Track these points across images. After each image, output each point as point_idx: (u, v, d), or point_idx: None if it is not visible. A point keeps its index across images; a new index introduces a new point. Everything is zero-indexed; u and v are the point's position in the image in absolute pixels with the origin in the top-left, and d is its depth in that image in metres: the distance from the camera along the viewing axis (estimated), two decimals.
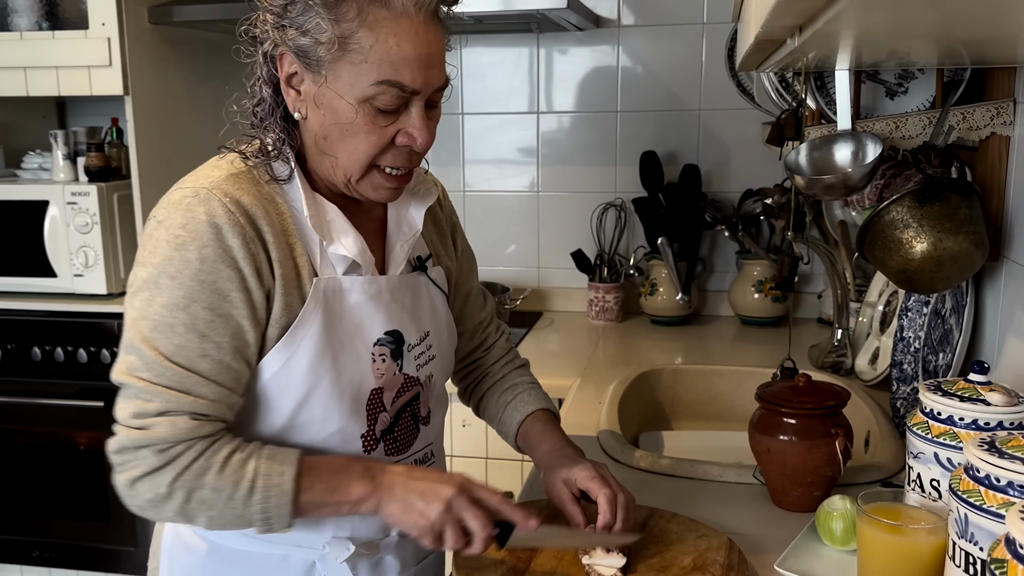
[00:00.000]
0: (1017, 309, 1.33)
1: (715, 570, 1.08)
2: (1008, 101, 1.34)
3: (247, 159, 1.06)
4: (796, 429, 1.25)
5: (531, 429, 1.27)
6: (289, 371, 1.04)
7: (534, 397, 1.30)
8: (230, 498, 0.98)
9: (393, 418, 1.14)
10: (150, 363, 0.97)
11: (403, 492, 1.02)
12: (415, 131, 1.02)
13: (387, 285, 1.12)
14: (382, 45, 0.97)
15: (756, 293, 2.41)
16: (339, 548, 1.11)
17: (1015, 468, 0.85)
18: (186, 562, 1.16)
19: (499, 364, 1.36)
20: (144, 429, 0.97)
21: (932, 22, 0.71)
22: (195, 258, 0.98)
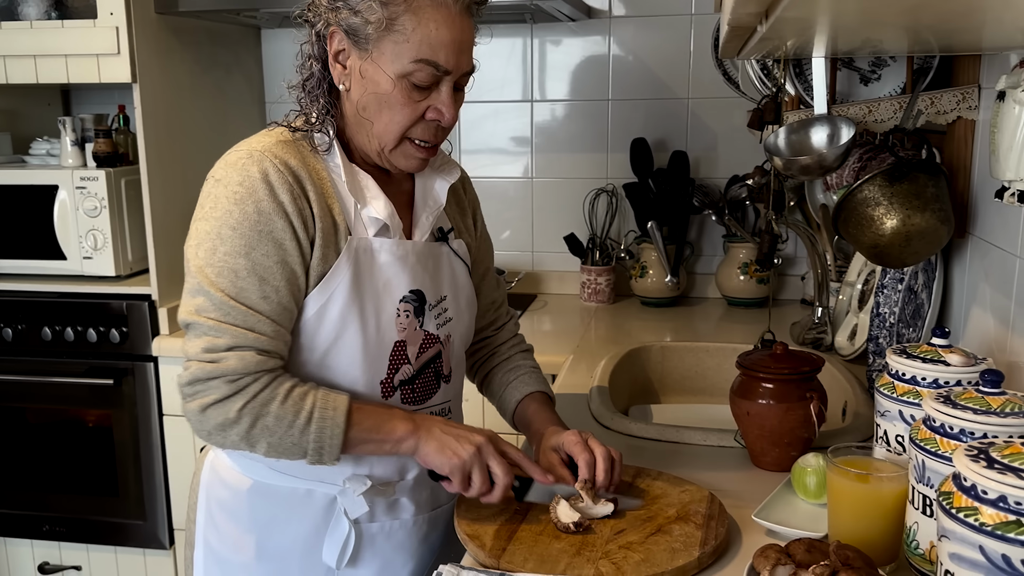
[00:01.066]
0: (981, 281, 1.42)
1: (697, 519, 1.17)
2: (973, 87, 1.43)
3: (293, 131, 1.19)
4: (773, 393, 1.33)
5: (527, 408, 1.38)
6: (323, 314, 1.16)
7: (534, 380, 1.42)
8: (290, 426, 1.10)
9: (416, 371, 1.25)
10: (218, 303, 1.10)
11: (440, 435, 1.15)
12: (443, 107, 1.16)
13: (413, 249, 1.24)
14: (423, 28, 1.10)
15: (742, 275, 2.50)
16: (357, 483, 1.23)
17: (965, 416, 0.94)
18: (222, 496, 1.28)
19: (506, 345, 1.48)
20: (215, 362, 1.09)
21: (886, 4, 0.78)
22: (253, 211, 1.11)
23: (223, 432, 1.11)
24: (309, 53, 1.19)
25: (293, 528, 1.24)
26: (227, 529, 1.27)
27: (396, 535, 1.29)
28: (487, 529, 1.15)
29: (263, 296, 1.11)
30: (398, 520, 1.28)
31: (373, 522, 1.26)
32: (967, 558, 0.79)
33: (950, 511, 0.81)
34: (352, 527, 1.23)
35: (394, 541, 1.29)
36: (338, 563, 1.24)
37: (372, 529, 1.26)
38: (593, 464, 1.21)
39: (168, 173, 2.36)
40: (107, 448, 2.44)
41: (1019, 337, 1.26)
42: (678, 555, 1.08)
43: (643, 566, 1.05)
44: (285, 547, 1.25)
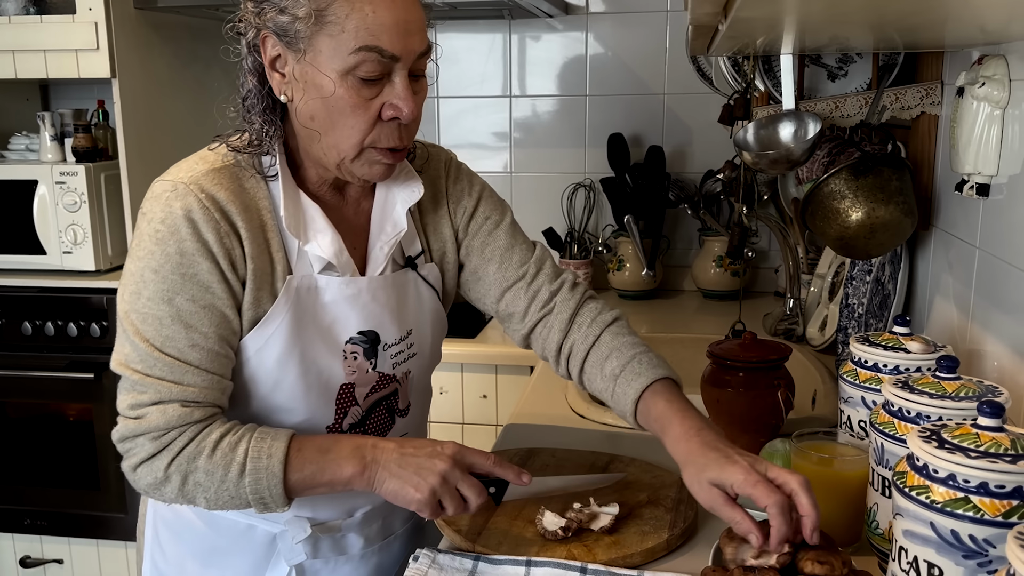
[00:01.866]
0: (944, 272, 1.46)
1: (667, 503, 1.20)
2: (936, 83, 1.47)
3: (237, 152, 1.09)
4: (742, 381, 1.37)
5: (653, 407, 1.13)
6: (260, 360, 1.08)
7: (646, 364, 1.17)
8: (222, 480, 1.02)
9: (365, 412, 1.17)
10: (142, 354, 1.02)
11: (398, 468, 1.04)
12: (400, 101, 1.02)
13: (367, 286, 1.13)
14: (358, 13, 0.97)
15: (716, 268, 2.55)
16: (297, 528, 1.16)
17: (922, 401, 0.98)
18: (167, 516, 1.24)
19: (581, 325, 1.23)
20: (139, 419, 1.02)
21: (842, 4, 0.82)
22: (175, 252, 1.02)
23: (158, 490, 1.04)
24: (245, 67, 1.08)
25: (235, 560, 1.20)
26: (171, 551, 1.24)
27: (342, 569, 1.23)
28: (463, 515, 1.16)
29: (191, 344, 1.02)
30: (344, 555, 1.22)
31: (317, 558, 1.20)
32: (919, 534, 0.82)
33: (903, 490, 0.84)
34: (292, 568, 1.18)
35: (340, 573, 1.23)
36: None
37: (316, 565, 1.20)
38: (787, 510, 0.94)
39: (148, 168, 2.37)
40: (88, 442, 2.45)
41: (978, 326, 1.31)
42: (647, 537, 1.11)
43: (613, 548, 1.08)
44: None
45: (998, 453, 0.80)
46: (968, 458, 0.80)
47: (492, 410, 2.17)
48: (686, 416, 1.09)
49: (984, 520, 0.78)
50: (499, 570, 1.03)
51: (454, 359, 2.13)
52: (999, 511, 0.78)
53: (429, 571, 1.04)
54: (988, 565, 0.79)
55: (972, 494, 0.79)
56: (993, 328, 1.25)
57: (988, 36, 1.20)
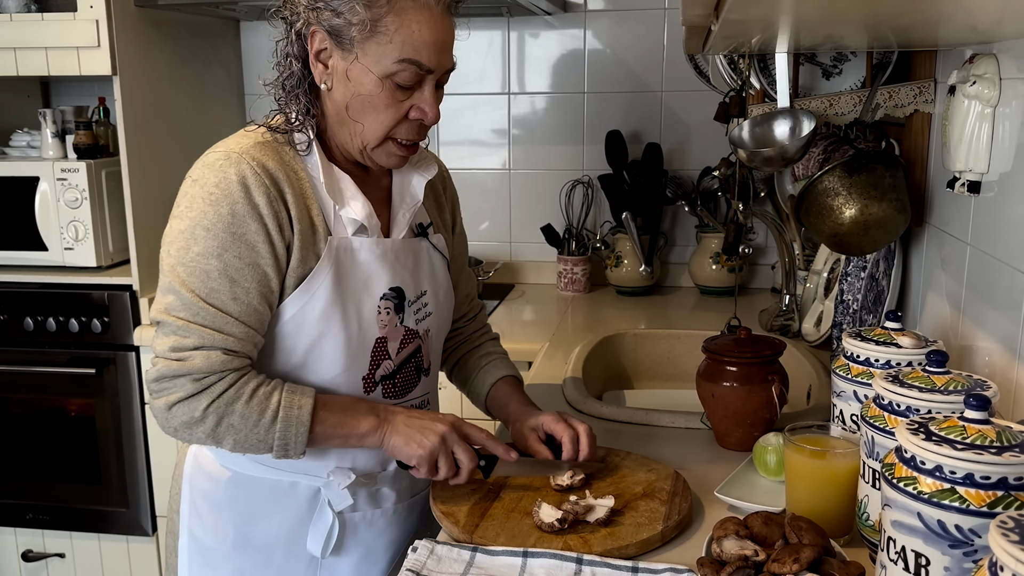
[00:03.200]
0: (936, 268, 1.48)
1: (662, 496, 1.22)
2: (929, 81, 1.48)
3: (273, 131, 1.20)
4: (737, 376, 1.39)
5: (500, 392, 1.43)
6: (304, 316, 1.18)
7: (504, 365, 1.48)
8: (255, 424, 1.13)
9: (397, 366, 1.28)
10: (187, 303, 1.11)
11: (404, 427, 1.18)
12: (427, 106, 1.18)
13: (392, 247, 1.26)
14: (406, 29, 1.12)
15: (714, 264, 2.56)
16: (341, 476, 1.26)
17: (911, 394, 1.00)
18: (206, 487, 1.30)
19: (477, 334, 1.53)
20: (182, 361, 1.11)
21: (831, 4, 0.83)
22: (227, 212, 1.12)
23: (189, 429, 1.13)
24: (288, 51, 1.20)
25: (277, 519, 1.27)
26: (211, 519, 1.30)
27: (377, 523, 1.32)
28: (461, 507, 1.19)
29: (233, 297, 1.12)
30: (379, 509, 1.32)
31: (355, 512, 1.29)
32: (907, 524, 0.84)
33: (892, 481, 0.86)
34: (336, 518, 1.26)
35: (375, 529, 1.32)
36: (323, 552, 1.27)
37: (355, 518, 1.30)
38: (576, 439, 1.27)
39: (148, 164, 2.39)
40: (90, 437, 2.46)
41: (969, 321, 1.32)
42: (642, 529, 1.13)
43: (609, 539, 1.10)
44: (269, 537, 1.28)
45: (984, 445, 0.82)
46: (954, 450, 0.82)
47: None
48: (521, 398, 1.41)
49: (970, 510, 0.80)
50: (496, 560, 1.05)
51: None
52: (984, 502, 0.79)
53: (427, 561, 1.05)
54: (974, 555, 0.81)
55: (958, 485, 0.81)
56: (984, 324, 1.27)
57: (980, 35, 1.22)
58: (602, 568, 1.04)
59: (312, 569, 1.29)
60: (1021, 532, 0.67)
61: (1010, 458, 0.79)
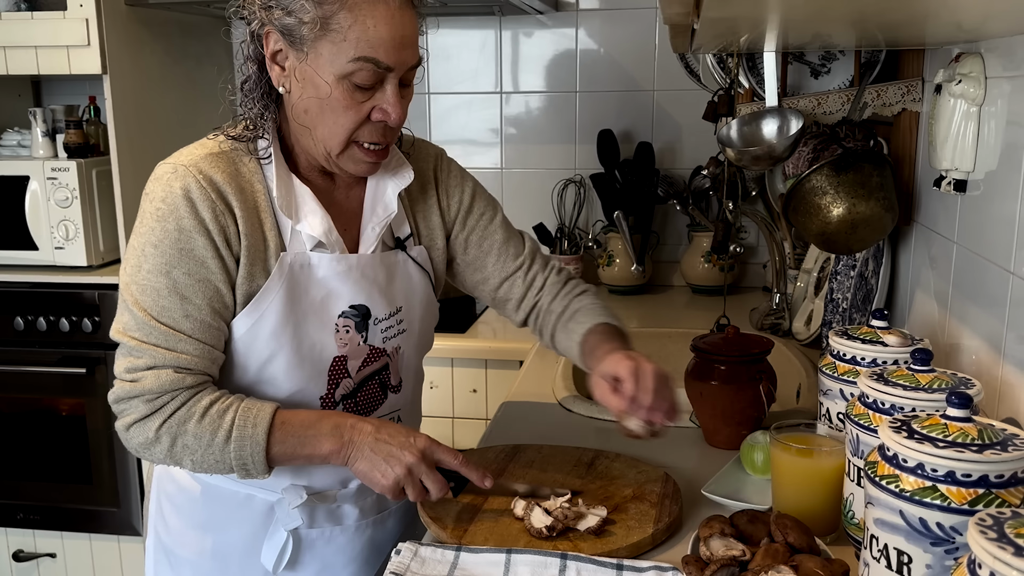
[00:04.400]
0: (924, 267, 1.48)
1: (652, 498, 1.22)
2: (917, 80, 1.49)
3: (234, 140, 1.16)
4: (725, 374, 1.39)
5: (589, 340, 1.27)
6: (255, 333, 1.14)
7: (592, 313, 1.31)
8: (209, 444, 1.10)
9: (357, 384, 1.23)
10: (140, 323, 1.10)
11: (370, 453, 1.11)
12: (389, 107, 1.11)
13: (357, 263, 1.20)
14: (360, 25, 1.05)
15: (705, 263, 2.56)
16: (293, 495, 1.22)
17: (896, 392, 1.00)
18: (170, 490, 1.30)
19: (559, 298, 1.37)
20: (135, 382, 1.09)
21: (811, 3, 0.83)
22: (173, 228, 1.09)
23: (148, 450, 1.11)
24: (246, 53, 1.15)
25: (234, 529, 1.25)
26: (174, 523, 1.29)
27: (337, 540, 1.28)
28: (449, 512, 1.17)
29: (185, 315, 1.10)
30: (339, 526, 1.28)
31: (313, 528, 1.25)
32: (889, 522, 0.84)
33: (874, 479, 0.86)
34: (289, 535, 1.23)
35: (334, 545, 1.28)
36: (275, 567, 1.23)
37: (312, 535, 1.26)
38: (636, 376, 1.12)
39: (139, 163, 2.38)
40: (80, 436, 2.46)
41: (956, 319, 1.33)
42: (633, 532, 1.12)
43: (599, 543, 1.09)
44: (227, 547, 1.26)
45: (965, 443, 0.82)
46: (936, 448, 0.82)
47: (482, 404, 2.19)
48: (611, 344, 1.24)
49: (951, 508, 0.80)
50: (480, 559, 1.05)
51: (444, 354, 2.15)
52: (965, 499, 0.80)
53: (411, 564, 1.05)
54: (955, 552, 0.81)
55: (940, 483, 0.81)
56: (970, 322, 1.27)
57: (966, 34, 1.22)
58: (587, 565, 1.03)
59: None
60: (999, 530, 0.67)
61: (991, 456, 0.80)
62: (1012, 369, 1.14)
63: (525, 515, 1.13)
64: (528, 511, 1.14)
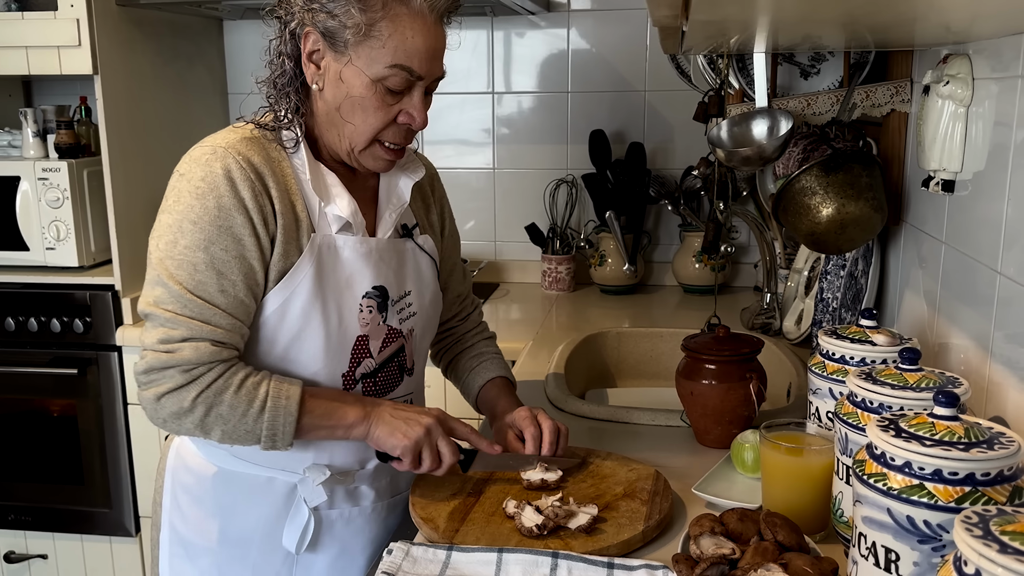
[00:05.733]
0: (913, 267, 1.49)
1: (643, 496, 1.22)
2: (905, 81, 1.49)
3: (261, 128, 1.22)
4: (715, 374, 1.40)
5: (489, 393, 1.45)
6: (285, 309, 1.19)
7: (496, 366, 1.48)
8: (244, 414, 1.14)
9: (379, 365, 1.29)
10: (175, 296, 1.13)
11: (390, 419, 1.20)
12: (415, 112, 1.20)
13: (376, 246, 1.27)
14: (400, 35, 1.14)
15: (697, 263, 2.57)
16: (316, 473, 1.26)
17: (884, 391, 1.01)
18: (187, 481, 1.32)
19: (471, 333, 1.54)
20: (171, 352, 1.12)
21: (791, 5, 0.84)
22: (213, 206, 1.13)
23: (178, 420, 1.14)
24: (281, 50, 1.21)
25: (254, 514, 1.28)
26: (191, 513, 1.31)
27: (355, 521, 1.32)
28: (440, 511, 1.18)
29: (221, 290, 1.14)
30: (357, 507, 1.32)
31: (332, 509, 1.30)
32: (877, 520, 0.85)
33: (863, 477, 0.87)
34: (311, 514, 1.27)
35: (353, 527, 1.32)
36: (297, 548, 1.27)
37: (331, 515, 1.30)
38: (539, 437, 1.29)
39: (130, 164, 2.38)
40: (72, 437, 2.45)
41: (945, 319, 1.33)
42: (624, 530, 1.13)
43: (590, 541, 1.10)
44: (247, 532, 1.28)
45: (952, 441, 0.82)
46: (923, 446, 0.82)
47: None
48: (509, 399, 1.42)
49: (938, 506, 0.81)
50: (472, 558, 1.05)
51: None
52: (952, 497, 0.80)
53: (403, 563, 1.06)
54: (943, 550, 0.82)
55: (927, 481, 0.82)
56: (959, 321, 1.28)
57: (954, 35, 1.23)
58: (578, 564, 1.04)
59: (288, 565, 1.29)
60: (985, 527, 0.68)
61: (977, 454, 0.80)
62: (999, 368, 1.15)
63: (516, 514, 1.14)
64: (519, 509, 1.14)
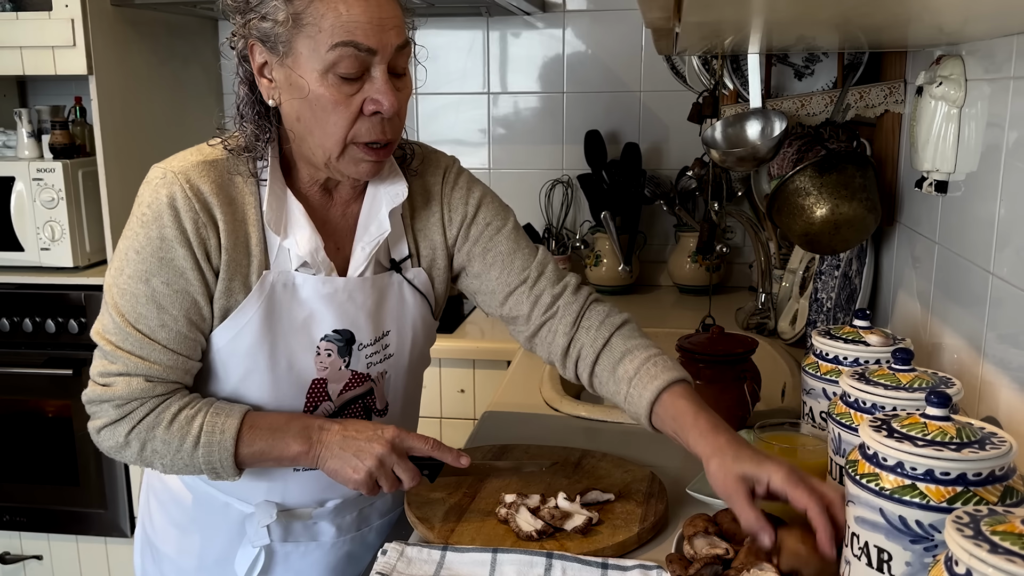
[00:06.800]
0: (907, 267, 1.50)
1: (638, 498, 1.22)
2: (899, 82, 1.50)
3: (231, 152, 1.13)
4: (710, 374, 1.40)
5: (671, 407, 1.14)
6: (232, 349, 1.14)
7: (661, 367, 1.17)
8: (178, 449, 1.11)
9: (338, 408, 1.21)
10: (117, 327, 1.10)
11: (339, 450, 1.12)
12: (380, 95, 1.05)
13: (344, 286, 1.16)
14: (332, 12, 1.02)
15: (692, 263, 2.58)
16: (264, 512, 1.21)
17: (877, 392, 1.01)
18: (156, 487, 1.32)
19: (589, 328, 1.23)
20: (107, 386, 1.10)
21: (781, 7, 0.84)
22: (156, 236, 1.08)
23: (118, 453, 1.13)
24: (239, 76, 1.13)
25: (212, 533, 1.25)
26: (158, 519, 1.31)
27: (312, 555, 1.27)
28: (436, 512, 1.18)
29: (161, 324, 1.09)
30: (315, 542, 1.27)
31: (288, 541, 1.25)
32: (869, 520, 0.85)
33: (855, 477, 0.87)
34: (262, 549, 1.23)
35: (310, 560, 1.27)
36: None
37: (287, 547, 1.25)
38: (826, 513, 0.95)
39: (125, 164, 2.38)
40: (67, 438, 2.45)
41: (938, 319, 1.34)
42: (619, 531, 1.13)
43: (585, 542, 1.10)
44: (205, 548, 1.26)
45: (944, 442, 0.83)
46: (915, 446, 0.83)
47: (469, 404, 2.19)
48: (709, 414, 1.11)
49: (930, 506, 0.81)
50: (466, 558, 1.05)
51: (432, 354, 2.13)
52: (944, 497, 0.81)
53: (397, 564, 1.06)
54: (935, 550, 0.82)
55: (919, 481, 0.82)
56: (952, 321, 1.29)
57: (947, 36, 1.23)
58: (572, 564, 1.04)
59: None
60: (976, 527, 0.68)
61: (969, 454, 0.81)
62: (992, 368, 1.15)
63: (509, 516, 1.14)
64: (512, 512, 1.14)
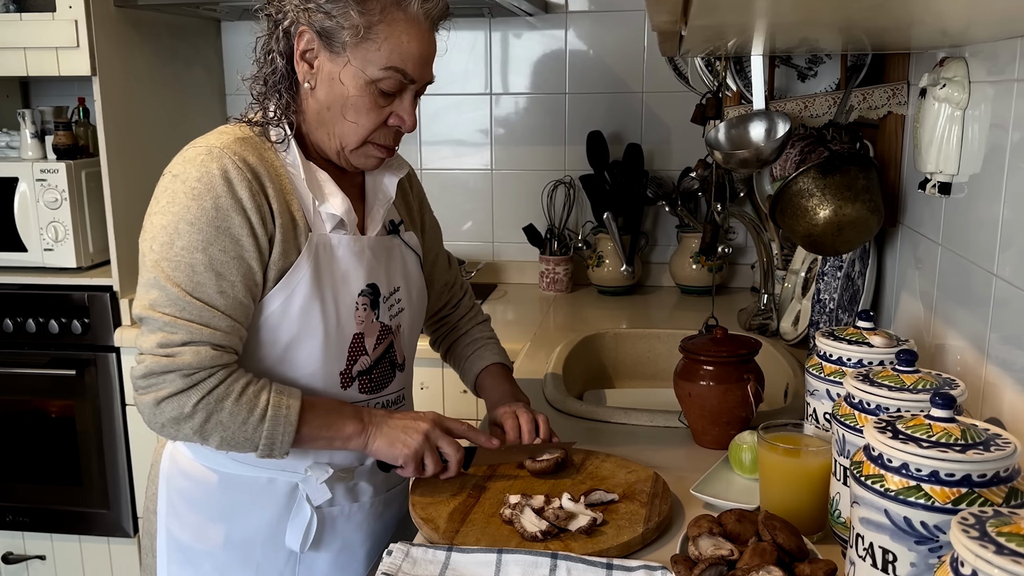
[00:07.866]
0: (910, 269, 1.50)
1: (642, 498, 1.23)
2: (902, 83, 1.50)
3: (252, 126, 1.22)
4: (713, 375, 1.40)
5: (485, 380, 1.49)
6: (285, 310, 1.19)
7: (491, 352, 1.52)
8: (244, 422, 1.14)
9: (373, 362, 1.30)
10: (174, 298, 1.12)
11: (388, 429, 1.21)
12: (405, 115, 1.22)
13: (368, 244, 1.28)
14: (396, 39, 1.16)
15: (694, 264, 2.58)
16: (319, 471, 1.27)
17: (881, 393, 1.01)
18: (183, 486, 1.31)
19: (464, 319, 1.57)
20: (171, 357, 1.11)
21: (798, 11, 0.84)
22: (211, 207, 1.13)
23: (176, 425, 1.13)
24: (271, 48, 1.21)
25: (256, 516, 1.28)
26: (189, 519, 1.30)
27: (355, 517, 1.33)
28: (440, 512, 1.18)
29: (220, 291, 1.13)
30: (357, 503, 1.33)
31: (333, 506, 1.31)
32: (874, 521, 0.86)
33: (860, 479, 0.88)
34: (314, 513, 1.28)
35: (353, 523, 1.34)
36: (301, 547, 1.27)
37: (333, 512, 1.31)
38: (518, 429, 1.34)
39: (128, 165, 2.38)
40: (70, 438, 2.45)
41: (941, 320, 1.34)
42: (623, 532, 1.13)
43: (590, 543, 1.10)
44: (249, 533, 1.28)
45: (948, 443, 0.83)
46: (920, 448, 0.83)
47: (472, 404, 2.20)
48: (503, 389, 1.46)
49: (935, 507, 0.81)
50: (471, 559, 1.06)
51: (435, 354, 2.15)
52: (949, 498, 0.81)
53: (403, 564, 1.06)
54: (939, 551, 0.82)
55: (924, 482, 0.82)
56: (955, 323, 1.29)
57: (951, 39, 1.24)
58: (577, 565, 1.04)
59: (291, 564, 1.30)
60: (981, 528, 0.68)
61: (974, 456, 0.81)
62: (995, 369, 1.15)
63: (514, 517, 1.14)
64: (517, 513, 1.14)
